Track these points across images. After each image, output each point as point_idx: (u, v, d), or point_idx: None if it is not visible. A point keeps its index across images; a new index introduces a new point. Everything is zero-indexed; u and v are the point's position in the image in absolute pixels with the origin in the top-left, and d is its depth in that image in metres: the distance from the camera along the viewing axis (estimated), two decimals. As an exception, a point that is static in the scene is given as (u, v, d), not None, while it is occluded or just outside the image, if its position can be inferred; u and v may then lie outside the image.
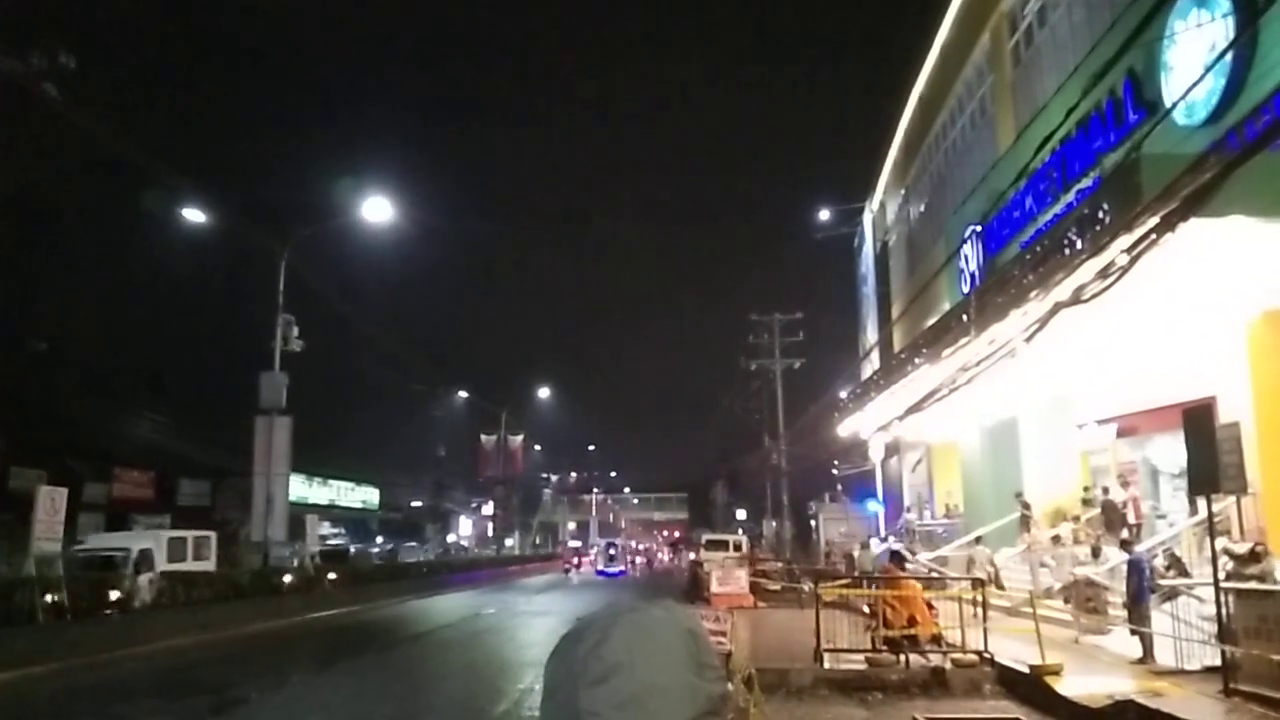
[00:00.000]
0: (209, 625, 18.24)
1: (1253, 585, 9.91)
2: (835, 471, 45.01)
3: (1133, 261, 8.47)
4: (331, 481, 57.36)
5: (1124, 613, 12.52)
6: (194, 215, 24.81)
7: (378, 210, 25.36)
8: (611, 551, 58.18)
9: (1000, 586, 17.88)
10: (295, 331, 24.20)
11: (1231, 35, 12.97)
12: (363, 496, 63.50)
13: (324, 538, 49.97)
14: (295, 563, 26.15)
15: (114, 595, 17.03)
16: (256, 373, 24.08)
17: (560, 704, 1.73)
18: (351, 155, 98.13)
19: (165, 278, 44.28)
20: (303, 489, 48.41)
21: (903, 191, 35.14)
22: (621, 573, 53.82)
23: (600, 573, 52.98)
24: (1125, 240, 8.78)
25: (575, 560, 62.03)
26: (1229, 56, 12.92)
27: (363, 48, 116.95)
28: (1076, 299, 9.71)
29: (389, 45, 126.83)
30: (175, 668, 14.39)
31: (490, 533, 73.37)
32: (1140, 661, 11.59)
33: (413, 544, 54.63)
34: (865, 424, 26.89)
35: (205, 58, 74.86)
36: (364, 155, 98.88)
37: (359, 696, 11.59)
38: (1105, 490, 18.30)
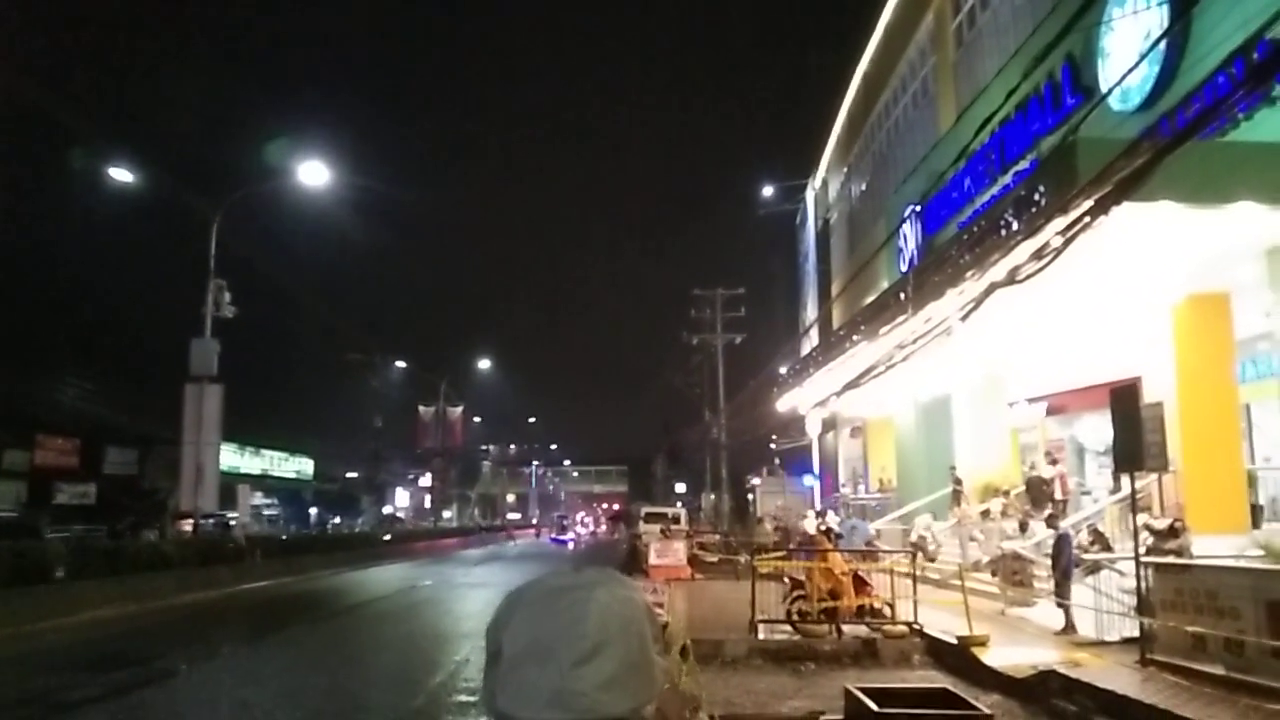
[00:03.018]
0: (135, 597, 17.84)
1: (1170, 560, 10.26)
2: (774, 446, 45.53)
3: (1066, 243, 8.65)
4: (265, 451, 56.37)
5: (1049, 586, 12.90)
6: (122, 175, 23.98)
7: (314, 174, 24.79)
8: (565, 523, 70.70)
9: (930, 559, 18.25)
10: (228, 297, 23.60)
11: (1166, 22, 13.26)
12: (297, 467, 62.53)
13: (256, 508, 49.17)
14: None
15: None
16: (188, 338, 23.47)
17: (533, 681, 1.64)
18: (287, 119, 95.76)
19: (94, 239, 42.87)
20: (234, 458, 47.47)
21: (845, 169, 35.42)
22: (569, 541, 61.02)
23: (553, 539, 61.55)
24: (1060, 222, 8.95)
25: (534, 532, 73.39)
26: (1163, 44, 13.22)
27: (302, 15, 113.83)
28: (1011, 279, 9.89)
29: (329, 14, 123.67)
30: (101, 640, 14.05)
31: (428, 504, 72.90)
32: (1063, 632, 11.97)
33: (336, 520, 53.89)
34: (804, 400, 27.20)
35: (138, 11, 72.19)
36: (301, 119, 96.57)
37: (292, 668, 11.45)
38: (1033, 466, 18.80)
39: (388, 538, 37.67)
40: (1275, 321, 12.60)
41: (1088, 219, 8.17)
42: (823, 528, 18.51)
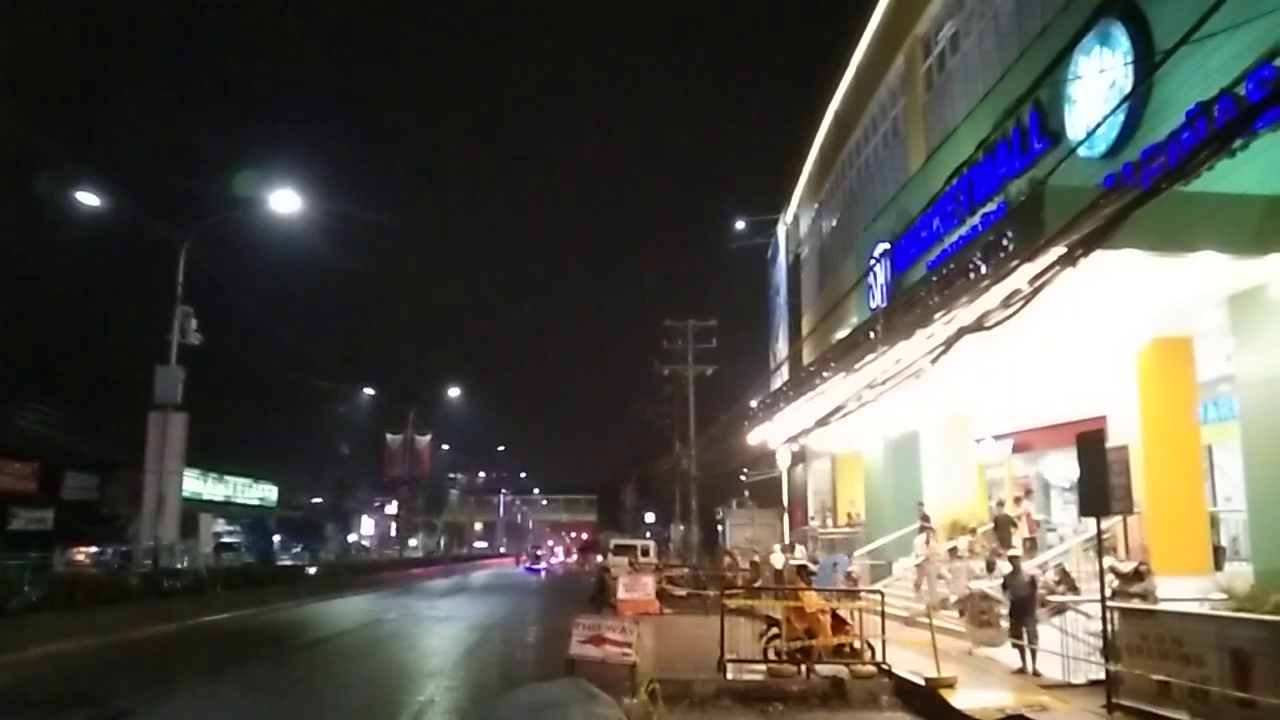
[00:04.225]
0: (93, 629, 17.42)
1: (1136, 604, 10.34)
2: (744, 478, 45.53)
3: (1034, 293, 8.76)
4: (228, 477, 55.49)
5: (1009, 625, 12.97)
6: (89, 199, 23.70)
7: (285, 202, 24.63)
8: (539, 554, 77.28)
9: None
10: (194, 324, 23.33)
11: (1130, 71, 13.57)
12: (260, 493, 61.57)
13: (218, 535, 48.28)
14: (184, 563, 25.23)
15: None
16: (153, 364, 23.13)
17: None
18: (259, 147, 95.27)
19: (58, 263, 42.23)
20: (197, 484, 46.69)
21: (816, 205, 35.80)
22: (542, 570, 65.20)
23: (527, 569, 66.20)
24: (1028, 270, 9.07)
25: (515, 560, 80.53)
26: (1128, 89, 13.53)
27: (275, 40, 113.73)
28: (980, 325, 9.99)
29: (302, 39, 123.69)
30: (55, 676, 13.68)
31: (394, 533, 72.04)
32: (1019, 672, 12.02)
33: (297, 549, 52.88)
34: (774, 434, 27.25)
35: (109, 33, 71.67)
36: (272, 147, 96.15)
37: (252, 709, 11.21)
38: (1000, 504, 18.93)
39: (312, 570, 35.27)
40: (1236, 365, 12.82)
41: (1056, 268, 8.29)
42: (793, 563, 18.56)
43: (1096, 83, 14.40)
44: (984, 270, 11.09)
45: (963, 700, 10.52)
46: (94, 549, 28.97)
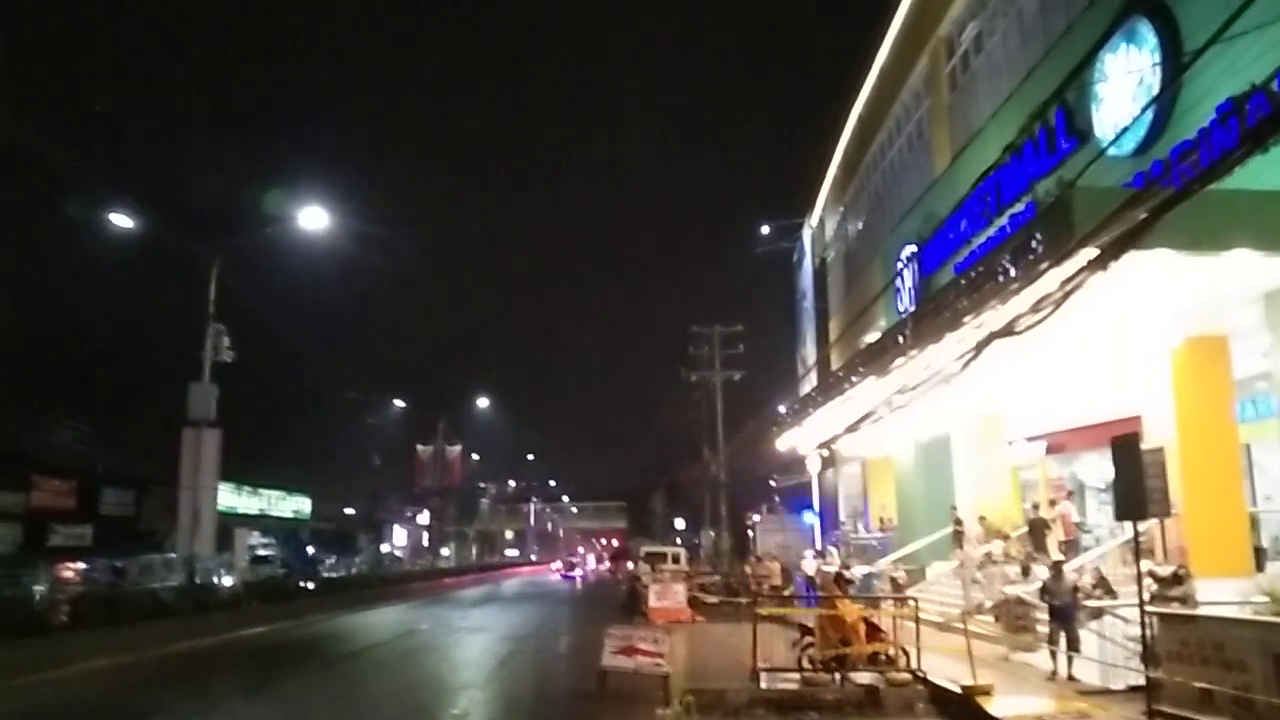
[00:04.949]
0: (131, 646, 17.63)
1: (1175, 609, 10.18)
2: (774, 484, 45.37)
3: (1065, 297, 8.66)
4: (262, 490, 56.02)
5: (1048, 631, 12.80)
6: (122, 220, 24.08)
7: (314, 219, 24.90)
8: (574, 561, 79.85)
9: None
10: (226, 342, 23.61)
11: (1157, 66, 13.41)
12: (294, 506, 62.09)
13: (253, 548, 48.76)
14: (220, 577, 25.50)
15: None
16: (186, 381, 23.43)
17: None
18: (288, 165, 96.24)
19: (94, 284, 42.86)
20: (232, 498, 47.15)
21: (841, 209, 35.64)
22: (578, 578, 67.04)
23: (563, 575, 68.38)
24: (1058, 273, 8.98)
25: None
26: (1155, 87, 13.36)
27: (303, 57, 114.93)
28: (1010, 330, 9.90)
29: (330, 56, 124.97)
30: (94, 693, 13.83)
31: (425, 543, 72.44)
32: (1052, 677, 11.88)
33: (331, 560, 53.30)
34: (803, 439, 27.15)
35: (143, 58, 72.82)
36: (301, 164, 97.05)
37: (288, 723, 11.31)
38: (1035, 507, 18.72)
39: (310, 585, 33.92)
40: (1273, 362, 12.62)
41: (1086, 272, 8.20)
42: (829, 570, 18.42)
43: (1123, 81, 14.25)
44: (1013, 273, 11.00)
45: (1000, 708, 10.40)
46: (83, 565, 29.19)
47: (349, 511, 71.55)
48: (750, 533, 46.00)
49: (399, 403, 61.29)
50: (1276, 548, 15.23)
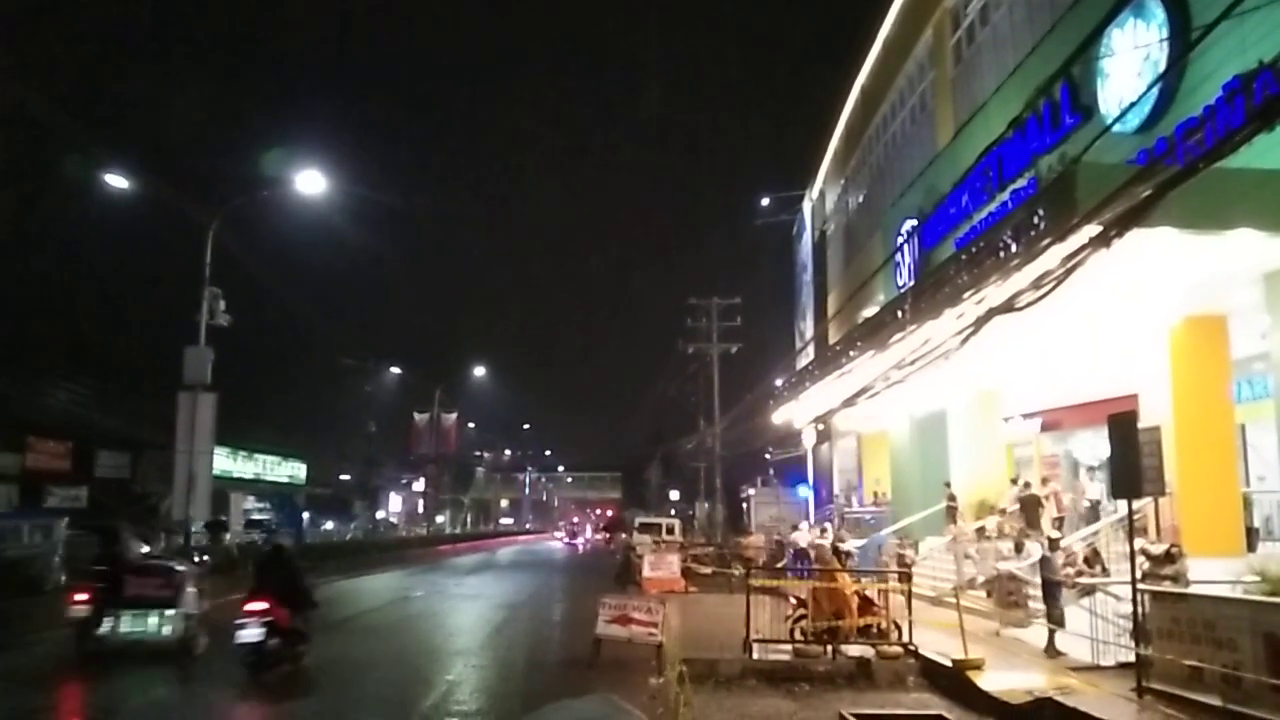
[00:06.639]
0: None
1: (1167, 587, 10.23)
2: (769, 456, 45.49)
3: (1067, 274, 8.61)
4: (257, 455, 56.03)
5: (1044, 607, 12.86)
6: (118, 181, 23.87)
7: (311, 183, 24.67)
8: (574, 530, 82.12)
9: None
10: (222, 305, 23.44)
11: (1165, 42, 13.28)
12: (290, 471, 62.14)
13: (248, 512, 48.86)
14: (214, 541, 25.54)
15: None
16: (182, 344, 23.30)
17: None
18: (286, 127, 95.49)
19: (88, 244, 42.69)
20: (227, 463, 47.13)
21: (842, 181, 35.43)
22: (579, 544, 69.46)
23: (566, 543, 70.96)
24: (1059, 250, 8.92)
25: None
26: (1162, 64, 13.24)
27: (302, 21, 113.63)
28: (1010, 306, 9.86)
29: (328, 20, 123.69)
30: (89, 653, 13.87)
31: (421, 510, 72.71)
32: (1046, 653, 11.95)
33: (329, 525, 53.55)
34: (799, 413, 27.16)
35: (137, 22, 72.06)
36: (297, 126, 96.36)
37: (281, 686, 11.35)
38: (1026, 485, 18.77)
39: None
40: (1271, 343, 12.60)
41: (1089, 249, 8.14)
42: (818, 542, 18.44)
43: (1130, 56, 14.11)
44: (1014, 249, 10.94)
45: (990, 682, 10.47)
46: None
47: (345, 478, 71.75)
48: (745, 505, 46.25)
49: (396, 370, 61.32)
50: (1269, 528, 15.31)
